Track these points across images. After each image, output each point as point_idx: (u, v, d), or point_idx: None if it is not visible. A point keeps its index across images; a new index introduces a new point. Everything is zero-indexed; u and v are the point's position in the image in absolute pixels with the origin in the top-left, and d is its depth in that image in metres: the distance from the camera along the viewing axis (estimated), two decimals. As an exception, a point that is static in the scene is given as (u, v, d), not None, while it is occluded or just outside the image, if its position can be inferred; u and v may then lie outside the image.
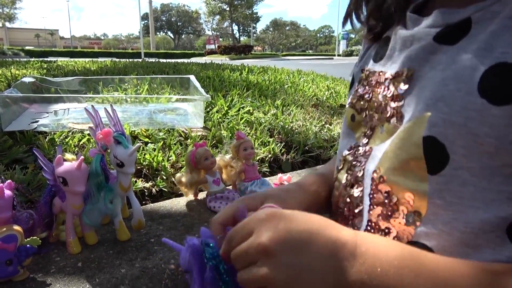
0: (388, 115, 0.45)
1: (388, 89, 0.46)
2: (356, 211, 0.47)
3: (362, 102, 0.51)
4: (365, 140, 0.50)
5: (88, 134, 1.26)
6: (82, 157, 0.71)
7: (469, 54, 0.37)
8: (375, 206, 0.44)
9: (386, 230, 0.42)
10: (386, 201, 0.42)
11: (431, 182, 0.37)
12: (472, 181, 0.35)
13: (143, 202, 1.07)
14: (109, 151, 0.77)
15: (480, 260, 0.36)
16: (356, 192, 0.48)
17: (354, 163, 0.50)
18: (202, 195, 1.05)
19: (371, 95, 0.49)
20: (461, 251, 0.37)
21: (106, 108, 0.83)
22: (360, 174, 0.48)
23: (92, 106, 0.82)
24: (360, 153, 0.50)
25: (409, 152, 0.39)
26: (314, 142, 1.57)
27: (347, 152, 0.53)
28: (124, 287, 0.68)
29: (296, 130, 1.67)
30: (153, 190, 1.10)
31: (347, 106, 0.57)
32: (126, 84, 2.00)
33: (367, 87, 0.51)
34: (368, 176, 0.46)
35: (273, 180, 1.17)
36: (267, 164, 1.37)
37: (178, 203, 1.02)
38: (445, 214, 0.37)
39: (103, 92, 1.59)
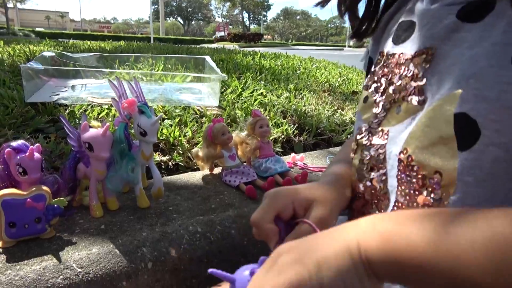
0: (407, 94, 0.45)
1: (408, 69, 0.45)
2: (381, 193, 0.47)
3: (378, 84, 0.51)
4: (376, 121, 0.50)
5: (107, 108, 1.28)
6: (108, 124, 0.73)
7: (499, 30, 0.36)
8: (402, 187, 0.43)
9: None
10: (414, 180, 0.41)
11: (461, 158, 0.37)
12: (504, 157, 0.35)
13: (161, 175, 1.10)
14: (132, 120, 0.80)
15: None
16: (377, 175, 0.47)
17: (370, 147, 0.50)
18: (217, 170, 1.08)
19: (389, 76, 0.49)
20: None
21: (129, 82, 0.85)
22: (381, 157, 0.47)
23: (116, 77, 0.84)
24: (375, 136, 0.49)
25: (439, 129, 0.39)
26: (327, 125, 1.58)
27: (359, 136, 0.52)
28: (145, 249, 0.71)
29: (309, 114, 1.68)
30: (170, 164, 1.13)
31: (362, 88, 0.57)
32: (141, 64, 2.02)
33: (385, 69, 0.50)
34: (392, 158, 0.45)
35: (287, 159, 1.20)
36: (279, 145, 1.39)
37: (194, 177, 1.04)
38: (476, 192, 0.36)
39: (121, 74, 1.62)
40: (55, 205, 0.70)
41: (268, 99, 1.73)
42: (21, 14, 67.89)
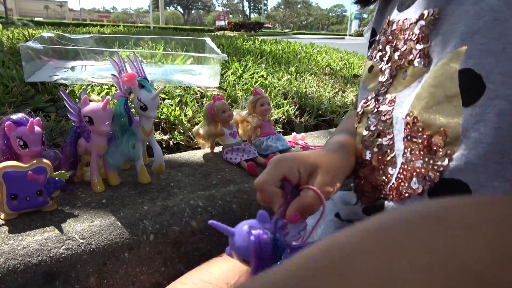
0: (413, 58, 0.44)
1: (413, 32, 0.45)
2: (388, 159, 0.47)
3: (383, 52, 0.51)
4: (383, 89, 0.50)
5: (107, 88, 1.28)
6: (108, 97, 0.73)
7: None
8: (409, 149, 0.43)
9: (418, 170, 0.41)
10: (420, 141, 0.41)
11: (465, 114, 0.37)
12: (510, 110, 0.34)
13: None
14: (132, 95, 0.79)
15: None
16: (385, 140, 0.47)
17: (376, 114, 0.49)
18: (218, 149, 1.07)
19: (394, 43, 0.49)
20: (496, 185, 0.36)
21: (129, 57, 0.85)
22: (388, 122, 0.47)
23: (116, 52, 0.83)
24: (381, 102, 0.49)
25: (444, 87, 0.38)
26: (328, 107, 1.58)
27: (364, 105, 0.52)
28: (147, 222, 0.71)
29: (310, 95, 1.67)
30: (171, 143, 1.13)
31: (366, 59, 0.57)
32: (141, 47, 2.01)
33: (389, 37, 0.50)
34: (399, 122, 0.45)
35: (288, 138, 1.19)
36: (280, 125, 1.39)
37: (195, 155, 1.04)
38: (480, 147, 0.36)
39: (121, 53, 1.61)
40: (56, 178, 0.70)
41: (269, 81, 1.72)
42: (19, 3, 67.32)
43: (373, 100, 0.51)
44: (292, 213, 0.42)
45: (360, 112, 0.53)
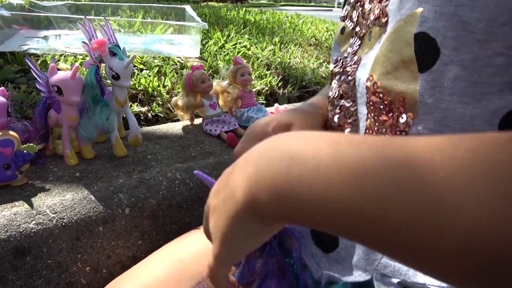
0: (374, 18, 0.43)
1: None
2: (350, 120, 0.47)
3: (353, 12, 0.49)
4: (352, 51, 0.49)
5: (82, 58, 1.22)
6: (77, 65, 0.69)
7: None
8: (372, 114, 0.43)
9: (381, 135, 0.41)
10: (381, 107, 0.41)
11: (421, 80, 0.36)
12: (463, 75, 0.34)
13: (139, 126, 1.07)
14: (104, 63, 0.75)
15: None
16: (347, 103, 0.47)
17: (341, 74, 0.49)
18: (197, 121, 1.05)
19: (362, 2, 0.47)
20: None
21: (99, 23, 0.80)
22: (351, 84, 0.47)
23: (85, 16, 0.79)
24: (347, 63, 0.49)
25: (400, 52, 0.38)
26: (312, 78, 1.55)
27: (333, 66, 0.51)
28: (122, 195, 0.69)
29: (294, 66, 1.64)
30: (149, 115, 1.10)
31: (339, 20, 0.55)
32: (119, 16, 1.92)
33: None
34: (361, 85, 0.45)
35: (270, 110, 1.17)
36: (263, 97, 1.36)
37: (174, 127, 1.01)
38: (436, 113, 0.36)
39: (95, 21, 1.53)
40: (25, 151, 0.67)
41: (252, 52, 1.68)
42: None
43: (341, 62, 0.50)
44: None
45: (330, 74, 0.52)
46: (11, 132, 0.66)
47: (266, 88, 1.39)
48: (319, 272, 0.51)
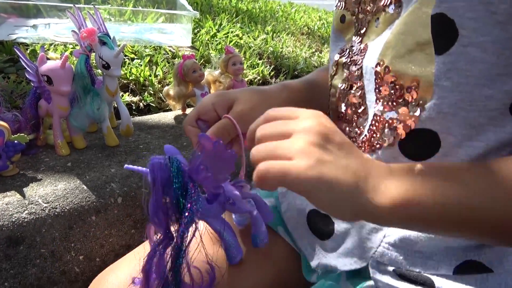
0: (384, 3, 0.42)
1: None
2: (360, 110, 0.46)
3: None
4: (358, 39, 0.48)
5: (72, 47, 1.21)
6: (66, 54, 0.69)
7: None
8: (381, 100, 0.42)
9: (390, 121, 0.41)
10: (392, 91, 0.41)
11: (438, 63, 0.36)
12: (481, 57, 0.34)
13: (131, 116, 1.06)
14: (94, 53, 0.75)
15: (484, 141, 0.37)
16: (357, 92, 0.47)
17: (349, 64, 0.48)
18: (189, 111, 1.05)
19: None
20: (465, 132, 0.37)
21: (89, 11, 0.79)
22: (358, 73, 0.46)
23: (74, 5, 0.78)
24: (354, 53, 0.48)
25: (415, 35, 0.37)
26: (304, 67, 1.55)
27: (338, 56, 0.51)
28: (114, 184, 0.69)
29: (286, 55, 1.64)
30: (141, 104, 1.09)
31: (334, 8, 0.55)
32: (109, 4, 1.90)
33: None
34: (368, 72, 0.44)
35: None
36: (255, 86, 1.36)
37: (166, 117, 1.01)
38: (452, 96, 0.36)
39: (84, 9, 1.51)
40: (15, 141, 0.66)
41: (244, 41, 1.67)
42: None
43: (348, 50, 0.49)
44: (207, 135, 0.44)
45: (335, 64, 0.51)
46: (1, 122, 0.66)
47: (258, 78, 1.39)
48: (316, 261, 0.52)
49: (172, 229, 0.40)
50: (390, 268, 0.45)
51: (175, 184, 0.38)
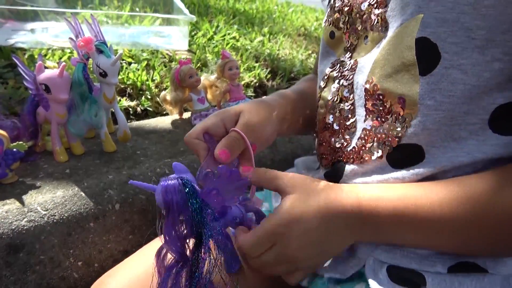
0: (372, 23, 0.45)
1: None
2: (348, 123, 0.49)
3: (342, 16, 0.50)
4: (348, 54, 0.50)
5: (69, 52, 1.22)
6: (64, 63, 0.70)
7: None
8: (369, 116, 0.45)
9: (379, 136, 0.44)
10: (380, 108, 0.43)
11: (422, 83, 0.38)
12: (463, 79, 0.37)
13: (128, 120, 1.08)
14: (91, 61, 0.76)
15: (467, 152, 0.39)
16: (346, 105, 0.49)
17: (340, 78, 0.50)
18: (186, 115, 1.06)
19: (351, 6, 0.48)
20: (447, 145, 0.40)
21: (86, 19, 0.80)
22: (349, 88, 0.48)
23: (72, 13, 0.79)
24: (345, 68, 0.50)
25: (401, 56, 0.40)
26: (300, 69, 1.56)
27: (329, 70, 0.53)
28: (112, 191, 0.71)
29: (282, 58, 1.65)
30: (138, 109, 1.11)
31: (323, 24, 0.56)
32: (107, 7, 1.90)
33: (345, 0, 0.50)
34: (359, 88, 0.46)
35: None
36: (252, 89, 1.37)
37: (163, 121, 1.02)
38: (435, 114, 0.39)
39: (81, 14, 1.52)
40: (14, 149, 0.67)
41: (241, 43, 1.68)
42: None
43: (338, 65, 0.52)
44: (220, 150, 0.46)
45: (326, 77, 0.54)
46: (0, 131, 0.67)
47: (255, 81, 1.40)
48: None
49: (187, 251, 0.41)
50: (383, 270, 0.46)
51: (191, 207, 0.39)
